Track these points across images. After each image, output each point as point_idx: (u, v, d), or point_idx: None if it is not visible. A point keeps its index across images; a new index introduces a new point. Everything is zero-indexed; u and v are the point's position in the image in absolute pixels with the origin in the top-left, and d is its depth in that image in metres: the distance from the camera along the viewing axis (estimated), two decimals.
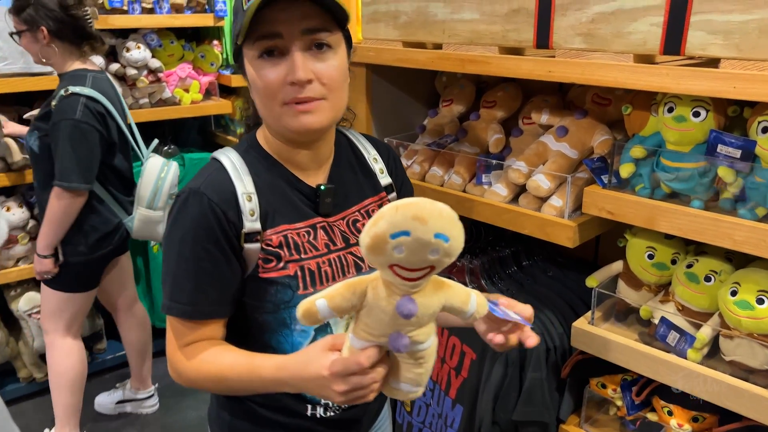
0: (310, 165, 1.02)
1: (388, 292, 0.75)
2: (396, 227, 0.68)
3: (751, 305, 1.02)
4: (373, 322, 0.77)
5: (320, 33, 0.89)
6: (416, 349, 0.79)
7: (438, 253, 0.70)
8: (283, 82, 0.89)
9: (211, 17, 2.66)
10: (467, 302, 0.80)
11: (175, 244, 0.93)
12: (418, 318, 0.75)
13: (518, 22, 1.21)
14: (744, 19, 0.93)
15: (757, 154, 0.97)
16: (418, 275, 0.72)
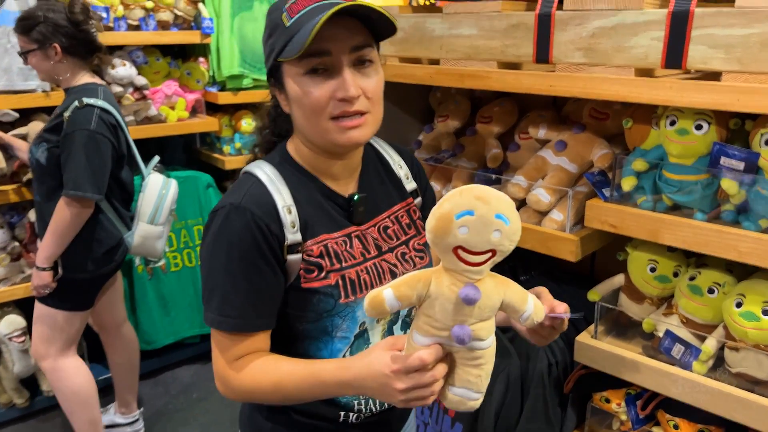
0: (342, 175, 1.03)
1: (451, 280, 0.77)
2: (460, 207, 0.73)
3: (756, 316, 1.02)
4: (437, 313, 0.78)
5: (365, 49, 0.91)
6: (476, 347, 0.79)
7: (500, 234, 0.73)
8: (331, 98, 0.90)
9: (197, 34, 2.65)
10: (525, 302, 0.81)
11: (221, 258, 0.94)
12: (480, 309, 0.77)
13: (517, 37, 1.22)
14: (745, 33, 0.94)
15: (760, 166, 0.98)
16: (481, 259, 0.75)
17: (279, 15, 0.91)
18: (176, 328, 2.89)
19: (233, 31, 2.74)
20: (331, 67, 0.89)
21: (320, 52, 0.88)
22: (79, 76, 1.94)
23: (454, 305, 0.76)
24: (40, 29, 1.84)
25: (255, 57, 2.84)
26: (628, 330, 1.30)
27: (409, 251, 1.05)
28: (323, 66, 0.89)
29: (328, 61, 0.89)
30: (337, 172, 1.02)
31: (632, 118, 1.16)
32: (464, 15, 1.29)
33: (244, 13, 2.76)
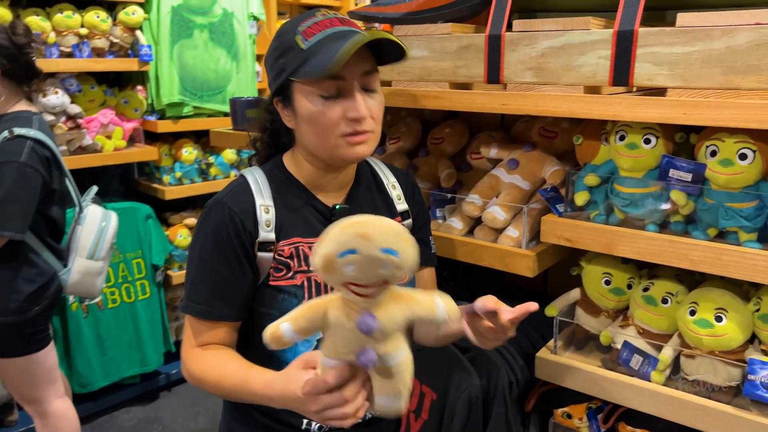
0: (332, 188, 1.11)
1: (348, 309, 0.77)
2: (343, 246, 0.71)
3: (710, 323, 1.05)
4: (339, 340, 0.79)
5: (372, 74, 1.01)
6: (387, 363, 0.79)
7: (389, 268, 0.72)
8: (342, 117, 0.99)
9: (135, 62, 2.57)
10: (434, 309, 0.80)
11: (197, 248, 1.03)
12: (381, 332, 0.77)
13: (468, 58, 1.24)
14: (686, 50, 0.99)
15: (707, 177, 1.02)
16: (372, 291, 0.75)
17: (292, 37, 0.99)
18: (114, 369, 2.75)
19: (173, 59, 2.69)
20: (343, 90, 0.98)
21: (337, 76, 0.96)
22: (14, 103, 1.83)
23: (354, 334, 0.77)
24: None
25: (195, 85, 2.79)
26: (585, 344, 1.31)
27: None
28: (338, 89, 0.98)
29: (342, 85, 0.98)
30: (329, 184, 1.10)
31: (582, 134, 1.19)
32: (415, 37, 1.31)
33: (184, 41, 2.72)
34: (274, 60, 1.02)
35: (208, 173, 2.95)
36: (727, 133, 0.99)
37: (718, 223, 1.03)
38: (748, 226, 1.00)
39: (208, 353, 1.03)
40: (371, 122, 1.01)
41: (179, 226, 2.95)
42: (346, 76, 0.97)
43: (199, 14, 2.74)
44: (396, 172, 1.23)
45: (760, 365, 1.01)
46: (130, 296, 2.74)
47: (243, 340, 1.07)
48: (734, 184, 0.99)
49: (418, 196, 1.23)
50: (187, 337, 1.05)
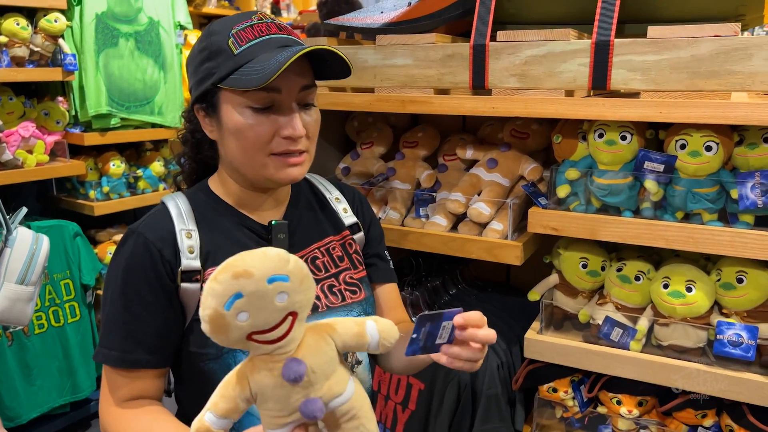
0: (265, 207, 1.03)
1: (267, 365, 0.67)
2: (225, 296, 0.62)
3: (682, 294, 1.22)
4: (274, 405, 0.69)
5: (311, 89, 0.95)
6: (337, 405, 0.71)
7: (286, 296, 0.65)
8: (274, 134, 0.91)
9: (59, 71, 2.44)
10: (363, 333, 0.73)
11: (110, 286, 0.91)
12: (314, 374, 0.68)
13: (453, 66, 1.33)
14: (657, 58, 1.14)
15: (677, 167, 1.18)
16: (282, 330, 0.66)
17: (224, 39, 0.90)
18: (43, 399, 2.57)
19: (99, 69, 2.58)
20: (278, 104, 0.90)
21: (272, 88, 0.88)
22: None
23: (286, 389, 0.68)
24: None
25: (122, 95, 2.69)
26: (562, 323, 1.45)
27: (338, 284, 1.04)
28: (272, 102, 0.90)
29: (278, 98, 0.90)
30: (261, 204, 1.02)
31: (561, 134, 1.32)
32: (398, 46, 1.38)
33: (110, 50, 2.61)
34: (199, 62, 0.92)
35: (137, 187, 2.84)
36: (694, 128, 1.16)
37: (685, 207, 1.19)
38: (712, 208, 1.18)
39: (129, 414, 0.89)
40: (306, 142, 0.94)
41: (108, 243, 2.81)
42: (282, 89, 0.89)
43: (124, 22, 2.65)
44: (339, 185, 1.17)
45: (727, 326, 1.18)
46: (59, 320, 2.57)
47: (192, 393, 0.95)
48: (701, 172, 1.16)
49: (368, 210, 1.19)
50: (104, 391, 0.91)
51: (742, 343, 1.16)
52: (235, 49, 0.89)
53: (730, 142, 1.16)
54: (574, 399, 1.40)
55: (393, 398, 1.60)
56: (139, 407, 0.90)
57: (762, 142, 1.14)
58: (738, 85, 1.09)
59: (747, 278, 1.19)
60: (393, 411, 1.61)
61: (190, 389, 0.95)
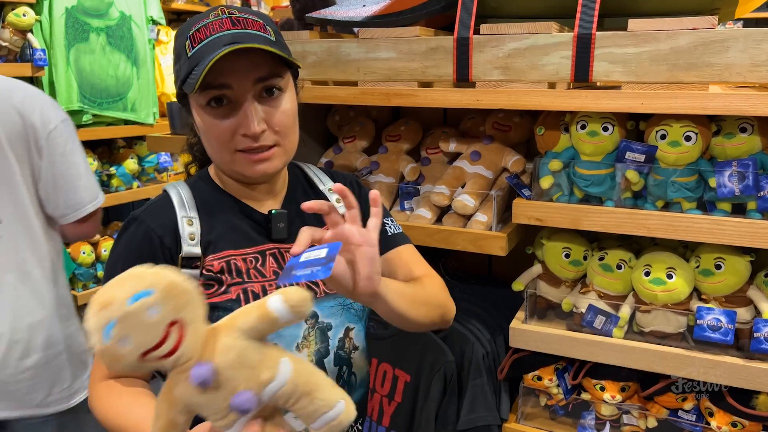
0: (263, 197, 1.03)
1: (181, 377, 0.67)
2: (99, 329, 0.62)
3: (663, 281, 1.25)
4: (207, 410, 0.68)
5: (271, 80, 0.92)
6: (275, 390, 0.69)
7: (157, 309, 0.63)
8: (234, 132, 0.90)
9: (29, 67, 2.38)
10: (265, 312, 0.69)
11: (109, 270, 0.92)
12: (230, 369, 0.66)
13: (437, 59, 1.34)
14: (637, 51, 1.17)
15: (657, 157, 1.21)
16: (171, 343, 0.64)
17: (183, 42, 0.92)
18: None
19: (69, 64, 2.53)
20: (234, 101, 0.90)
21: (220, 85, 0.87)
22: None
23: (208, 392, 0.66)
24: None
25: (94, 91, 2.64)
26: (545, 313, 1.47)
27: None
28: (225, 98, 0.89)
29: (231, 94, 0.89)
30: (258, 195, 1.02)
31: (544, 126, 1.34)
32: (382, 39, 1.39)
33: (80, 45, 2.56)
34: (174, 65, 0.95)
35: (110, 185, 2.79)
36: (674, 119, 1.19)
37: (666, 196, 1.22)
38: (691, 196, 1.21)
39: (114, 391, 0.91)
40: (271, 136, 0.92)
41: (80, 242, 2.75)
42: (233, 84, 0.88)
43: (94, 17, 2.60)
44: (333, 174, 1.17)
45: (706, 311, 1.22)
46: None
47: None
48: (681, 161, 1.19)
49: (363, 190, 1.17)
50: (94, 369, 0.94)
51: (721, 327, 1.20)
52: (189, 51, 0.90)
53: (709, 132, 1.19)
54: (558, 387, 1.42)
55: (379, 391, 1.61)
56: (124, 386, 0.91)
57: (739, 132, 1.18)
58: (716, 77, 1.12)
59: (725, 264, 1.22)
60: (379, 404, 1.61)
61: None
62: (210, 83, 0.87)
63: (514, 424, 1.48)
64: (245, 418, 0.68)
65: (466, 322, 1.55)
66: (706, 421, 1.30)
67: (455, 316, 1.55)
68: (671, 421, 1.36)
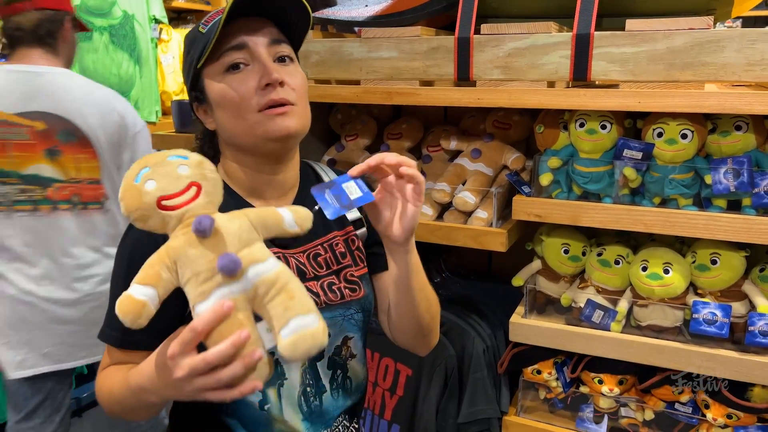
0: (273, 195, 1.02)
1: (182, 231, 0.73)
2: (134, 173, 0.73)
3: (660, 276, 1.28)
4: (192, 267, 0.71)
5: (283, 45, 0.95)
6: (261, 272, 0.72)
7: (186, 168, 0.74)
8: (256, 89, 0.91)
9: None
10: (275, 211, 0.77)
11: (115, 271, 0.95)
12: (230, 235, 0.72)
13: (438, 58, 1.37)
14: (635, 50, 1.19)
15: (654, 155, 1.24)
16: (188, 196, 0.73)
17: (195, 30, 0.95)
18: None
19: (73, 63, 2.54)
20: (251, 61, 0.91)
21: (238, 45, 0.90)
22: None
23: (200, 247, 0.71)
24: None
25: None
26: (545, 308, 1.50)
27: (338, 282, 1.04)
28: (243, 60, 0.92)
29: (247, 57, 0.91)
30: (268, 190, 1.02)
31: (543, 124, 1.37)
32: (384, 39, 1.41)
33: (84, 44, 2.58)
34: (184, 60, 0.97)
35: None
36: (671, 117, 1.21)
37: (663, 192, 1.25)
38: (687, 193, 1.24)
39: (113, 371, 0.94)
40: (290, 92, 0.92)
41: None
42: (249, 43, 0.91)
43: (98, 16, 2.62)
44: None
45: (702, 305, 1.24)
46: None
47: None
48: (677, 159, 1.22)
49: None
50: (103, 362, 0.97)
51: (716, 321, 1.22)
52: (203, 30, 0.93)
53: (704, 130, 1.22)
54: (557, 380, 1.45)
55: (381, 385, 1.63)
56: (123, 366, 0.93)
57: (734, 130, 1.20)
58: (711, 76, 1.14)
59: (720, 260, 1.25)
60: (381, 397, 1.64)
61: None
62: (228, 46, 0.90)
63: (514, 417, 1.51)
64: (223, 292, 0.71)
65: (467, 317, 1.57)
66: (702, 414, 1.33)
67: (456, 311, 1.59)
68: (668, 414, 1.38)
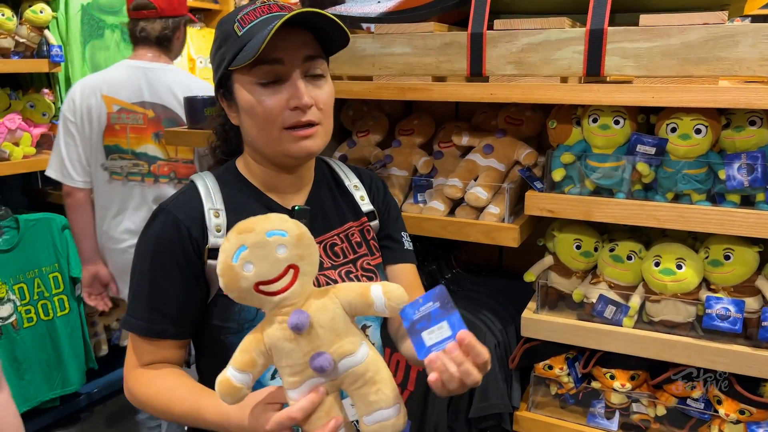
0: (289, 189, 1.06)
1: (278, 319, 0.74)
2: (231, 250, 0.73)
3: (673, 271, 1.28)
4: (286, 358, 0.75)
5: (317, 60, 0.96)
6: (350, 365, 0.75)
7: (285, 248, 0.73)
8: (284, 107, 0.93)
9: (46, 63, 2.42)
10: (366, 293, 0.77)
11: (138, 260, 0.96)
12: (323, 328, 0.74)
13: (451, 53, 1.37)
14: (649, 45, 1.19)
15: (668, 150, 1.24)
16: (285, 282, 0.73)
17: (231, 25, 0.96)
18: (33, 393, 2.56)
19: (85, 60, 2.57)
20: (284, 77, 0.94)
21: (274, 60, 0.92)
22: None
23: (295, 341, 0.74)
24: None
25: None
26: (557, 303, 1.50)
27: (355, 270, 1.07)
28: (276, 75, 0.93)
29: (281, 70, 0.93)
30: (285, 186, 1.05)
31: (556, 119, 1.37)
32: (397, 35, 1.42)
33: (95, 41, 2.60)
34: (215, 52, 0.99)
35: None
36: (684, 112, 1.21)
37: (676, 188, 1.25)
38: (701, 188, 1.24)
39: (153, 374, 0.96)
40: (317, 113, 0.95)
41: None
42: (284, 60, 0.92)
43: (109, 13, 2.64)
44: (358, 172, 1.20)
45: (715, 300, 1.24)
46: (48, 313, 2.56)
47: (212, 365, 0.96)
48: (691, 154, 1.22)
49: (387, 194, 1.21)
50: (129, 355, 0.99)
51: (729, 316, 1.22)
52: (239, 31, 0.93)
53: (718, 125, 1.22)
54: (569, 375, 1.45)
55: None
56: (162, 369, 0.96)
57: (748, 125, 1.20)
58: (725, 71, 1.14)
59: (734, 255, 1.25)
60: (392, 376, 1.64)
61: (211, 360, 0.98)
62: (263, 58, 0.90)
63: (525, 413, 1.51)
64: (313, 381, 0.73)
65: (478, 312, 1.58)
66: (714, 409, 1.33)
67: (468, 307, 1.60)
68: (680, 409, 1.38)
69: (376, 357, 0.77)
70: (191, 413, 0.90)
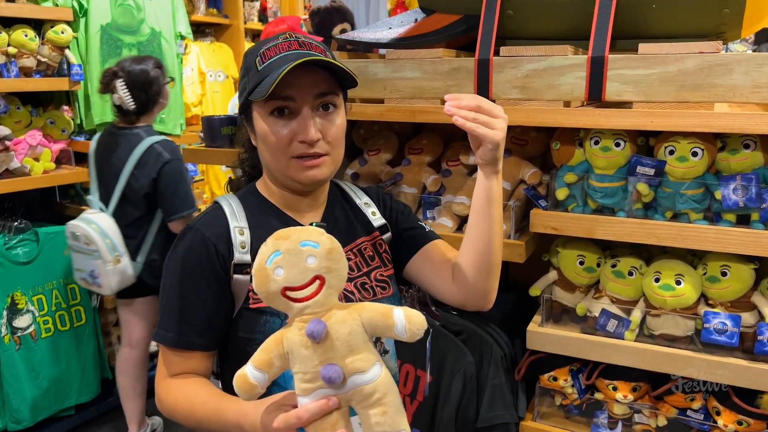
0: (305, 209, 1.13)
1: (297, 326, 0.78)
2: (267, 254, 0.78)
3: (672, 287, 1.33)
4: (300, 365, 0.77)
5: (328, 96, 1.03)
6: (360, 382, 0.77)
7: (315, 259, 0.77)
8: (293, 139, 1.01)
9: (66, 81, 2.51)
10: (389, 314, 0.79)
11: (168, 276, 1.02)
12: (339, 341, 0.76)
13: (459, 78, 1.44)
14: (647, 72, 1.26)
15: (666, 171, 1.30)
16: (310, 290, 0.77)
17: (254, 58, 1.03)
18: (50, 402, 2.63)
19: None
20: (295, 111, 1.01)
21: (286, 97, 0.99)
22: None
23: (310, 349, 0.76)
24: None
25: None
26: (560, 317, 1.55)
27: (369, 281, 1.14)
28: (287, 109, 1.00)
29: (293, 106, 1.00)
30: (303, 206, 1.12)
31: (559, 141, 1.43)
32: (407, 60, 1.48)
33: (114, 60, 2.68)
34: (240, 78, 1.07)
35: None
36: (682, 136, 1.27)
37: (674, 207, 1.31)
38: (698, 208, 1.29)
39: (180, 382, 1.01)
40: (324, 145, 1.02)
41: None
42: (296, 97, 0.99)
43: (127, 33, 2.72)
44: (366, 190, 1.27)
45: (713, 315, 1.30)
46: (65, 324, 2.63)
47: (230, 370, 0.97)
48: (688, 175, 1.28)
49: (395, 203, 1.28)
50: (160, 366, 1.04)
51: (726, 330, 1.28)
52: (259, 65, 1.01)
53: (714, 148, 1.27)
54: (573, 386, 1.50)
55: (402, 390, 1.69)
56: (189, 377, 1.02)
57: (742, 148, 1.26)
58: (720, 97, 1.21)
59: (730, 272, 1.30)
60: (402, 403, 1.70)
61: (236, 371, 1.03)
62: (276, 94, 0.97)
63: (531, 423, 1.56)
64: (324, 392, 0.77)
65: (485, 325, 1.63)
66: (714, 420, 1.38)
67: (475, 320, 1.66)
68: (680, 420, 1.43)
69: (387, 380, 0.79)
70: (213, 414, 0.94)
